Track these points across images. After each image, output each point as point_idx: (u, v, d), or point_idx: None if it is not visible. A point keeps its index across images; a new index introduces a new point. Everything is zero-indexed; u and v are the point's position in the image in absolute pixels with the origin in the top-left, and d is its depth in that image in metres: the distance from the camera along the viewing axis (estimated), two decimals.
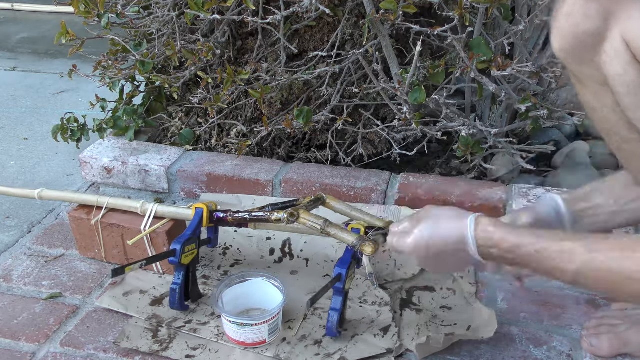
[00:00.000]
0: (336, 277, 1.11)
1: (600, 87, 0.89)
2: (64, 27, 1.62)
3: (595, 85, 0.90)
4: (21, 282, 1.36)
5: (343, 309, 1.14)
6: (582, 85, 0.93)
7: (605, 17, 0.83)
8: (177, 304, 1.22)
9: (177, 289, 1.22)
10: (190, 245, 1.22)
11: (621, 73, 0.84)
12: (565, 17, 0.87)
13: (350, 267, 1.12)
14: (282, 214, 1.16)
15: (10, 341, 1.19)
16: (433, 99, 1.47)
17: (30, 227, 1.57)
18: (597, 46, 0.85)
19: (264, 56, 1.66)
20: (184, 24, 1.69)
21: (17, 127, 2.16)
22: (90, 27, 1.68)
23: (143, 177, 1.64)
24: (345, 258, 1.13)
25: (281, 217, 1.16)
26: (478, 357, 1.14)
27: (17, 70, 2.72)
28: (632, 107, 0.87)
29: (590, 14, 0.84)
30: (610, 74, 0.86)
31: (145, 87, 1.85)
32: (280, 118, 1.64)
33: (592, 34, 0.85)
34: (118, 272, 1.15)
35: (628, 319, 1.16)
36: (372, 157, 1.65)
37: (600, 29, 0.84)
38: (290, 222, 1.16)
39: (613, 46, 0.84)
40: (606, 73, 0.86)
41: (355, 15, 1.58)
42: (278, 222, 1.18)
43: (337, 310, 1.13)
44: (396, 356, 1.13)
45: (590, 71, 0.88)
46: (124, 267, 1.16)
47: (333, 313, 1.13)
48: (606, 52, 0.85)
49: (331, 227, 1.12)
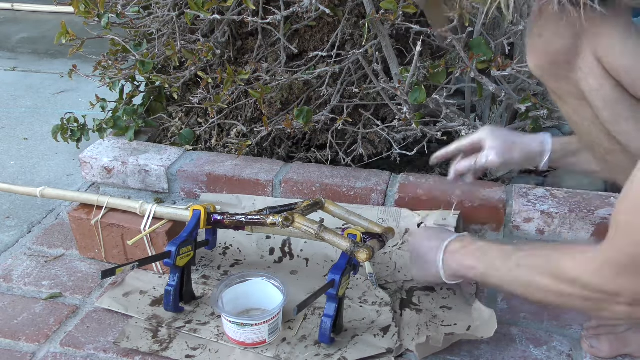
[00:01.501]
0: (329, 283, 1.10)
1: (578, 102, 0.90)
2: (64, 27, 1.62)
3: (574, 101, 0.91)
4: (21, 282, 1.36)
5: (337, 315, 1.13)
6: (562, 101, 0.94)
7: (576, 35, 0.85)
8: (172, 306, 1.22)
9: (171, 290, 1.21)
10: (186, 247, 1.21)
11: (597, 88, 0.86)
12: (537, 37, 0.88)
13: (345, 273, 1.11)
14: (277, 218, 1.17)
15: (10, 341, 1.19)
16: (433, 99, 1.47)
17: (30, 227, 1.57)
18: (571, 63, 0.87)
19: (264, 56, 1.66)
20: (184, 24, 1.69)
21: (17, 127, 2.16)
22: (90, 27, 1.68)
23: (143, 177, 1.64)
24: (339, 264, 1.12)
25: (276, 221, 1.17)
26: (478, 357, 1.14)
27: (17, 70, 2.72)
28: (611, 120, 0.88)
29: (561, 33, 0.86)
30: (587, 89, 0.87)
31: (145, 87, 1.85)
32: (280, 118, 1.64)
33: (564, 52, 0.87)
34: (108, 273, 1.14)
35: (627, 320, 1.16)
36: (372, 157, 1.65)
37: (572, 46, 0.86)
38: (285, 226, 1.16)
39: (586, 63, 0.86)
40: (582, 89, 0.88)
41: (355, 15, 1.58)
42: (273, 226, 1.18)
43: (330, 317, 1.12)
44: (396, 356, 1.13)
45: (567, 87, 0.90)
46: (115, 269, 1.15)
47: (326, 319, 1.12)
48: (581, 68, 0.87)
49: (326, 232, 1.12)
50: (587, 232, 1.40)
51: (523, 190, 1.47)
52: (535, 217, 1.42)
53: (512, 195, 1.45)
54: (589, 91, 0.87)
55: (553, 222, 1.41)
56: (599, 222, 1.38)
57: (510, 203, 1.44)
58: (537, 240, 1.44)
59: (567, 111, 0.96)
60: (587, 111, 0.90)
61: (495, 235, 1.46)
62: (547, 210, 1.41)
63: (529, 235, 1.44)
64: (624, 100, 0.86)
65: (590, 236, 1.40)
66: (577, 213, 1.39)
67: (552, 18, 0.86)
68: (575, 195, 1.44)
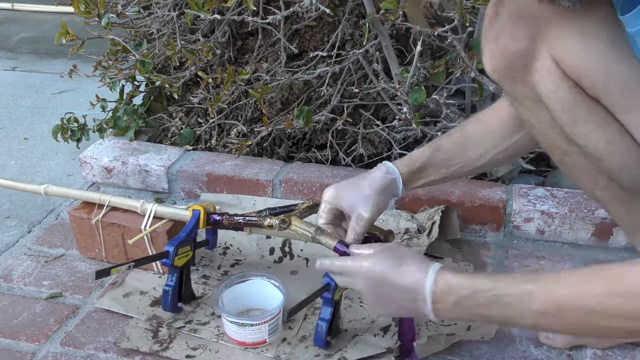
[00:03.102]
0: (324, 287, 1.09)
1: (535, 104, 0.90)
2: (64, 27, 1.62)
3: (530, 103, 0.91)
4: (21, 282, 1.36)
5: (333, 319, 1.12)
6: (519, 104, 0.94)
7: (533, 38, 0.85)
8: (170, 306, 1.22)
9: (169, 290, 1.21)
10: (184, 248, 1.21)
11: (554, 90, 0.85)
12: (494, 40, 0.88)
13: None
14: (274, 220, 1.17)
15: (10, 341, 1.19)
16: (433, 99, 1.47)
17: (30, 227, 1.57)
18: (528, 65, 0.86)
19: (264, 56, 1.66)
20: (184, 24, 1.69)
21: (17, 127, 2.16)
22: (90, 27, 1.68)
23: (143, 177, 1.64)
24: None
25: (273, 223, 1.17)
26: (478, 357, 1.14)
27: (17, 70, 2.72)
28: (568, 123, 0.88)
29: (517, 36, 0.85)
30: (544, 91, 0.87)
31: (145, 87, 1.85)
32: (280, 118, 1.64)
33: (521, 55, 0.86)
34: (102, 273, 1.13)
35: None
36: (372, 157, 1.65)
37: (528, 49, 0.85)
38: (282, 228, 1.17)
39: (543, 65, 0.85)
40: (539, 91, 0.87)
41: (356, 15, 1.58)
42: (270, 228, 1.19)
43: (326, 321, 1.11)
44: (396, 356, 1.13)
45: (524, 90, 0.89)
46: (109, 269, 1.14)
47: (321, 323, 1.11)
48: (537, 70, 0.86)
49: (322, 235, 1.12)
50: (587, 232, 1.40)
51: (523, 190, 1.47)
52: (535, 217, 1.42)
53: (512, 195, 1.45)
54: (546, 93, 0.86)
55: (553, 222, 1.41)
56: (599, 222, 1.39)
57: (510, 203, 1.44)
58: (537, 240, 1.44)
59: (524, 114, 0.95)
60: (544, 114, 0.90)
61: (495, 235, 1.47)
62: (547, 210, 1.41)
63: (529, 235, 1.44)
64: (581, 101, 0.85)
65: (591, 236, 1.40)
66: (577, 213, 1.39)
67: (508, 21, 0.85)
68: (575, 195, 1.44)
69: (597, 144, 0.88)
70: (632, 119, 0.84)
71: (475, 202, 1.45)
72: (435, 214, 1.41)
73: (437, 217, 1.40)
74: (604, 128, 0.86)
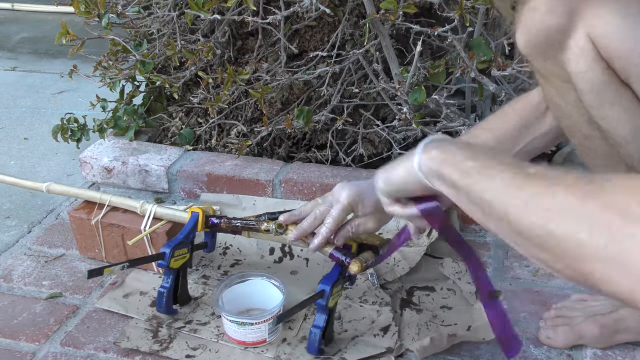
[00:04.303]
0: (318, 294, 1.08)
1: (563, 84, 0.88)
2: (64, 27, 1.62)
3: (558, 82, 0.89)
4: (21, 282, 1.36)
5: (328, 326, 1.11)
6: (546, 81, 0.93)
7: (571, 14, 0.82)
8: (164, 308, 1.21)
9: (164, 292, 1.20)
10: (181, 250, 1.21)
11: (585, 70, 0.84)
12: (530, 12, 0.86)
13: (337, 284, 1.10)
14: (271, 225, 1.17)
15: (10, 341, 1.19)
16: (433, 99, 1.47)
17: (30, 227, 1.57)
18: (562, 42, 0.84)
19: (264, 56, 1.66)
20: (184, 24, 1.69)
21: (17, 127, 2.16)
22: (90, 27, 1.67)
23: (143, 177, 1.64)
24: (331, 274, 1.11)
25: (270, 227, 1.17)
26: (478, 357, 1.14)
27: (17, 70, 2.72)
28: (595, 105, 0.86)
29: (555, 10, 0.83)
30: (575, 70, 0.85)
31: (145, 87, 1.85)
32: (280, 118, 1.64)
33: (557, 30, 0.84)
34: (94, 273, 1.13)
35: (585, 310, 1.17)
36: (372, 157, 1.65)
37: (565, 25, 0.83)
38: (278, 233, 1.17)
39: (578, 44, 0.83)
40: (570, 70, 0.86)
41: (356, 15, 1.58)
42: (267, 233, 1.19)
43: (320, 328, 1.10)
44: (396, 356, 1.13)
45: (554, 68, 0.88)
46: (102, 269, 1.14)
47: (315, 330, 1.10)
48: (571, 48, 0.84)
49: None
50: None
51: None
52: None
53: None
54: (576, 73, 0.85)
55: None
56: None
57: None
58: None
59: (549, 92, 0.94)
60: (571, 94, 0.88)
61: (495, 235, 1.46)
62: None
63: None
64: (611, 84, 0.83)
65: None
66: None
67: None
68: None
69: (620, 129, 0.87)
70: None
71: None
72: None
73: None
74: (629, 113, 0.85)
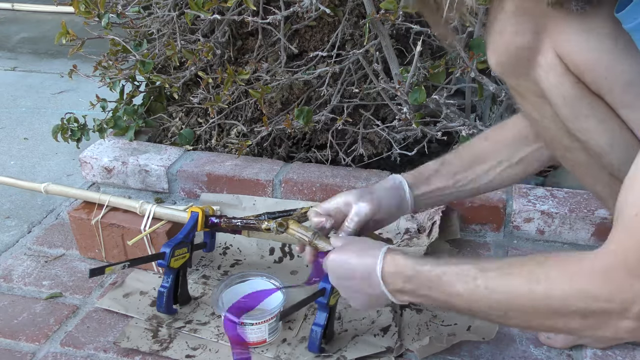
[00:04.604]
0: (319, 292, 1.08)
1: (538, 99, 0.90)
2: (64, 27, 1.62)
3: (533, 98, 0.91)
4: (21, 282, 1.36)
5: (328, 325, 1.12)
6: (522, 98, 0.94)
7: (537, 32, 0.84)
8: (164, 307, 1.21)
9: (164, 292, 1.20)
10: (181, 249, 1.21)
11: (557, 85, 0.86)
12: (498, 34, 0.88)
13: None
14: (271, 224, 1.17)
15: (10, 341, 1.19)
16: (433, 99, 1.47)
17: (30, 227, 1.57)
18: (531, 60, 0.86)
19: (264, 56, 1.66)
20: (184, 24, 1.69)
21: (17, 127, 2.16)
22: (90, 27, 1.67)
23: (143, 177, 1.64)
24: None
25: (270, 226, 1.17)
26: (478, 357, 1.14)
27: (17, 70, 2.72)
28: (570, 118, 0.88)
29: (521, 30, 0.85)
30: (547, 86, 0.87)
31: (145, 87, 1.85)
32: (280, 118, 1.64)
33: (525, 49, 0.86)
34: (96, 272, 1.13)
35: None
36: (372, 157, 1.65)
37: (532, 43, 0.85)
38: (279, 232, 1.17)
39: (547, 60, 0.85)
40: (542, 86, 0.87)
41: (356, 15, 1.58)
42: (268, 232, 1.19)
43: (320, 326, 1.10)
44: (396, 356, 1.13)
45: (527, 84, 0.90)
46: (103, 268, 1.14)
47: (316, 328, 1.10)
48: (541, 65, 0.86)
49: (319, 239, 1.12)
50: (587, 232, 1.40)
51: (523, 190, 1.47)
52: (535, 217, 1.42)
53: (512, 195, 1.45)
54: (548, 88, 0.87)
55: (553, 222, 1.41)
56: (599, 222, 1.38)
57: (510, 203, 1.44)
58: (537, 240, 1.44)
59: (526, 108, 0.96)
60: (547, 108, 0.90)
61: (495, 235, 1.47)
62: (547, 210, 1.41)
63: (529, 235, 1.44)
64: (583, 97, 0.85)
65: (591, 236, 1.40)
66: (577, 213, 1.39)
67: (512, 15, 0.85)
68: (575, 195, 1.44)
69: (598, 140, 0.88)
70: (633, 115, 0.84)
71: (475, 202, 1.45)
72: (436, 214, 1.41)
73: (437, 217, 1.40)
74: (605, 124, 0.86)
